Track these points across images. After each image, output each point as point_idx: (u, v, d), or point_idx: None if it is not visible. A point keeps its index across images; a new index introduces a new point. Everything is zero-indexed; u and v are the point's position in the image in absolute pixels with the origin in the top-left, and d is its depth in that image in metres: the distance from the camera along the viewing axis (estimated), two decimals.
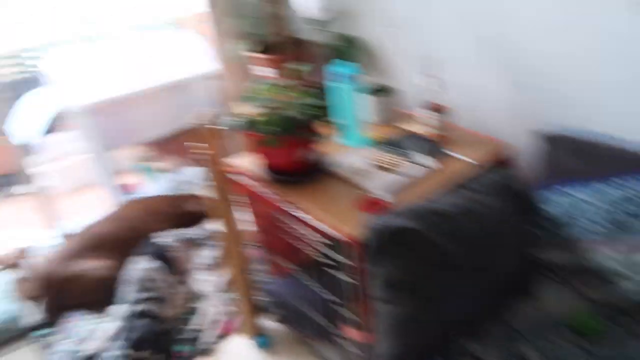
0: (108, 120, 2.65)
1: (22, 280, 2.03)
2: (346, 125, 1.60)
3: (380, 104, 1.78)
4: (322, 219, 1.32)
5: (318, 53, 2.28)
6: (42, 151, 3.52)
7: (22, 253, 2.07)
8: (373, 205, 1.31)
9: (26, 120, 2.91)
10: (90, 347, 1.83)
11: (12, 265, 2.03)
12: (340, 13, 2.11)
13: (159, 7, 2.49)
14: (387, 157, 1.52)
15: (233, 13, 2.60)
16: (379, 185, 1.40)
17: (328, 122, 1.47)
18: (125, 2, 2.36)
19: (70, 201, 3.26)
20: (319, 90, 1.47)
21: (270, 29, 2.47)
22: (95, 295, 2.08)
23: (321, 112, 1.41)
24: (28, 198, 2.39)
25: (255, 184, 1.53)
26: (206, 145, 1.50)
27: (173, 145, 3.21)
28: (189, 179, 3.10)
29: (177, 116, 2.91)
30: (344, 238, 1.26)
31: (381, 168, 1.48)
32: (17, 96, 3.36)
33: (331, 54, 2.09)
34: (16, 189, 3.43)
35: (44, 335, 1.98)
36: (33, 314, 2.04)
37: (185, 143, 1.54)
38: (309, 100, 1.40)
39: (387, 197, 1.35)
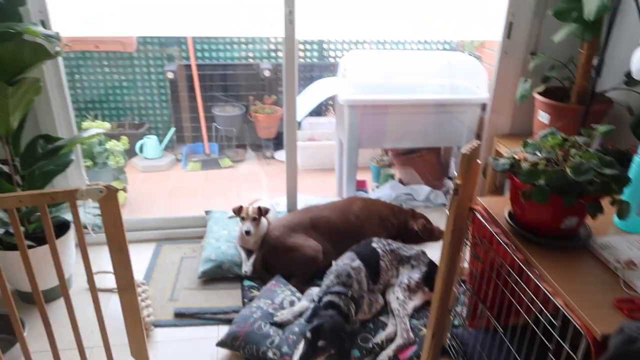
0: (368, 120, 2.79)
1: (246, 234, 2.26)
2: (631, 205, 1.31)
3: None
4: (560, 294, 1.14)
5: (624, 116, 1.96)
6: (304, 128, 3.93)
7: (261, 211, 2.29)
8: (633, 305, 1.08)
9: (305, 99, 3.25)
10: (280, 315, 1.93)
11: (250, 219, 2.26)
12: None
13: (452, 29, 2.48)
14: None
15: (533, 49, 2.43)
16: None
17: (611, 196, 1.22)
18: (425, 20, 2.42)
19: (309, 178, 3.57)
20: (613, 159, 1.22)
21: (573, 76, 2.22)
22: (300, 270, 2.21)
23: (608, 184, 1.18)
24: (281, 165, 2.65)
25: (497, 230, 1.38)
26: (460, 174, 1.41)
27: (414, 159, 3.21)
28: (416, 195, 3.06)
29: (431, 134, 2.91)
30: (577, 324, 1.06)
31: None
32: (312, 77, 3.84)
33: (638, 121, 1.77)
34: (277, 154, 3.91)
35: (251, 287, 2.18)
36: (249, 265, 2.26)
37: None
38: (598, 166, 1.18)
39: None
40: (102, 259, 2.20)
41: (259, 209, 2.30)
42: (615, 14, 1.80)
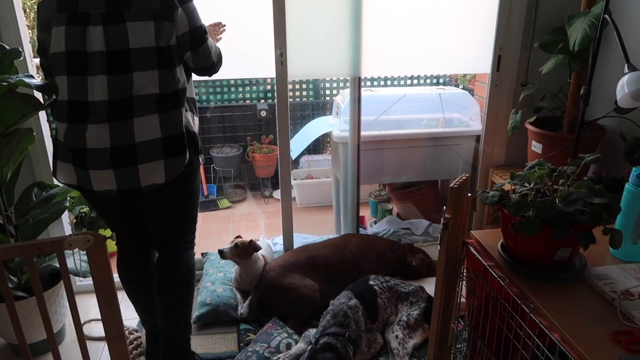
0: (363, 156, 2.79)
1: (219, 253, 2.22)
2: (624, 234, 1.29)
3: None
4: (556, 329, 1.10)
5: (618, 143, 1.95)
6: (302, 166, 3.94)
7: (253, 248, 2.26)
8: (631, 338, 1.04)
9: (300, 137, 3.27)
10: None
11: (244, 258, 2.24)
12: None
13: (442, 63, 2.51)
14: None
15: (523, 81, 2.45)
16: None
17: (604, 225, 1.20)
18: (416, 55, 2.45)
19: (308, 216, 3.55)
20: (603, 187, 1.21)
21: (564, 105, 2.23)
22: (297, 311, 2.17)
23: (598, 213, 1.16)
24: (279, 204, 2.65)
25: (490, 263, 1.35)
26: (449, 208, 1.39)
27: (412, 193, 3.20)
28: (415, 230, 3.03)
29: (428, 167, 2.91)
30: (575, 359, 1.02)
31: None
32: (307, 116, 3.90)
33: (631, 148, 1.76)
34: (276, 193, 3.91)
35: (247, 331, 2.13)
36: (245, 307, 2.22)
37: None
38: (587, 196, 1.17)
39: None
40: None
41: (253, 246, 2.27)
42: (599, 44, 1.82)
